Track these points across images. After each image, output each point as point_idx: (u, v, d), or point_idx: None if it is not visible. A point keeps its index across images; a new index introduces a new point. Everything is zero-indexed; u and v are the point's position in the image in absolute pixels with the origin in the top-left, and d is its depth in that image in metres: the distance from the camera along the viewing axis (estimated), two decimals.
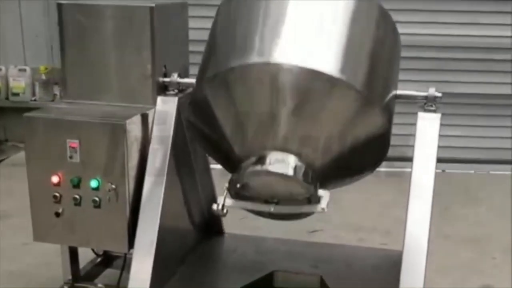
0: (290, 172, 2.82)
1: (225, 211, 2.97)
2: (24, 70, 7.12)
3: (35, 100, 7.10)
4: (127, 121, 3.09)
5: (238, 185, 2.90)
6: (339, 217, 5.21)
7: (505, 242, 4.94)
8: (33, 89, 7.15)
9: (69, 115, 3.19)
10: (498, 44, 6.53)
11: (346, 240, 4.63)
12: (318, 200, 2.88)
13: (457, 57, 6.59)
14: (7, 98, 7.17)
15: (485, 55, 6.58)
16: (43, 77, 7.07)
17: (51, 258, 4.20)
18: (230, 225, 4.13)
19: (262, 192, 2.94)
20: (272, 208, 2.96)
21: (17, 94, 7.13)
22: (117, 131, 3.08)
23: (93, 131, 3.11)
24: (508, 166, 6.67)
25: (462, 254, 4.75)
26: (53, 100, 7.00)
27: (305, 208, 2.95)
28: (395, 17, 3.19)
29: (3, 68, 7.14)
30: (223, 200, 2.95)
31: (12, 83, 7.12)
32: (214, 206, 2.97)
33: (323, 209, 2.86)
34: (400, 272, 2.92)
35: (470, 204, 5.74)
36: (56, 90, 7.08)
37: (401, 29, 3.22)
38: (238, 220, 4.84)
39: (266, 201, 2.98)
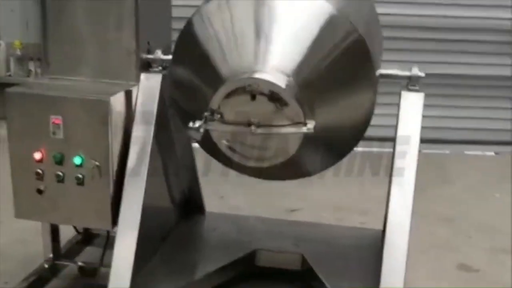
0: (282, 83, 2.63)
1: (201, 130, 2.71)
2: None
3: (10, 75, 6.96)
4: (112, 98, 3.06)
5: (217, 108, 2.69)
6: (318, 196, 5.25)
7: (480, 221, 5.02)
8: (7, 65, 7.02)
9: (53, 91, 3.15)
10: (475, 25, 6.64)
11: (325, 219, 4.65)
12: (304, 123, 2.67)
13: (437, 37, 6.66)
14: None
15: (464, 36, 6.68)
16: (18, 52, 6.93)
17: (27, 236, 4.16)
18: (209, 204, 4.12)
19: (243, 112, 2.71)
20: (253, 128, 2.69)
21: None
22: (102, 108, 3.04)
23: (77, 108, 3.07)
24: (482, 147, 6.78)
25: (438, 233, 4.80)
26: (28, 76, 6.86)
27: (291, 129, 2.69)
28: None
29: None
30: (202, 122, 2.71)
31: None
32: (190, 124, 2.70)
33: (309, 129, 2.64)
34: (383, 250, 2.93)
35: (446, 184, 5.80)
36: (31, 66, 6.94)
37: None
38: (218, 199, 4.87)
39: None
